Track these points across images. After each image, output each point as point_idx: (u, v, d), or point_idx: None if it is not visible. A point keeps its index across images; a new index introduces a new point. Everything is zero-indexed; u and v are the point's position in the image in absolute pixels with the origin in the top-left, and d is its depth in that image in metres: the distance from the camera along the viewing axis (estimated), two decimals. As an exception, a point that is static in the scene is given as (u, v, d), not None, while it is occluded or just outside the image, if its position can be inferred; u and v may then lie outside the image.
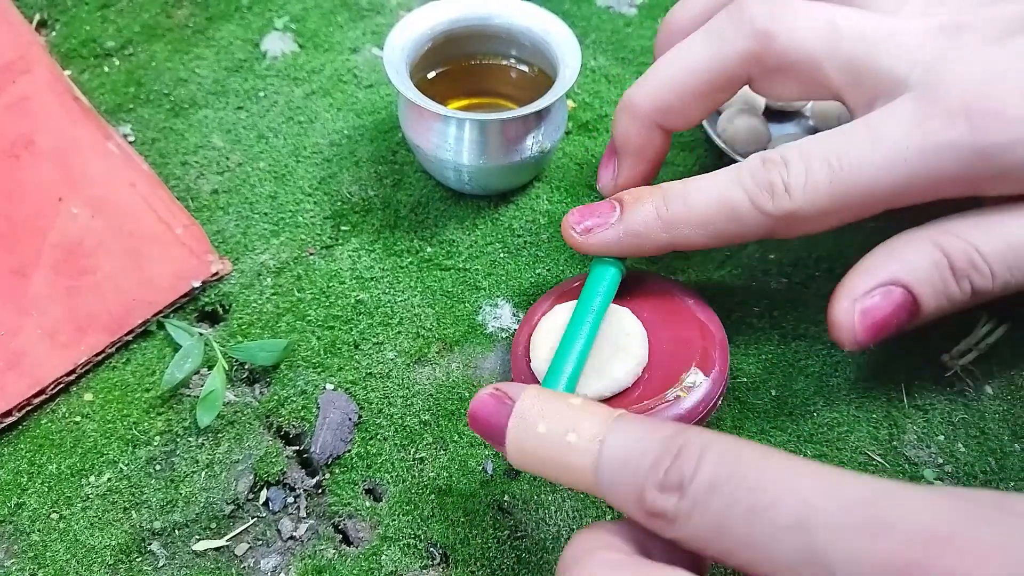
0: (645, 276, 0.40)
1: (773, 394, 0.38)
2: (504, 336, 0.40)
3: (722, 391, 0.36)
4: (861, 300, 0.32)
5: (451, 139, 0.41)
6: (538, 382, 0.36)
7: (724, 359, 0.36)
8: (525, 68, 0.47)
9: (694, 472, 0.23)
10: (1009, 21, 0.31)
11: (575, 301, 0.38)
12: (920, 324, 0.33)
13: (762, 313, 0.41)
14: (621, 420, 0.26)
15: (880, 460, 0.37)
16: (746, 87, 0.36)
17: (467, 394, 0.38)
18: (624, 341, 0.36)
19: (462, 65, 0.47)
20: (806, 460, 0.23)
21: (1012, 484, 0.36)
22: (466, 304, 0.41)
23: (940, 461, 0.37)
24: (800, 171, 0.32)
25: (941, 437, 0.38)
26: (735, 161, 0.43)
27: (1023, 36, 0.31)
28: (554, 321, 0.37)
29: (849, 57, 0.32)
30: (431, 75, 0.46)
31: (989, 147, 0.30)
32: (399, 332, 0.40)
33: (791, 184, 0.32)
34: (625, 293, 0.38)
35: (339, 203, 0.45)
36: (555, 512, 0.35)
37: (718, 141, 0.44)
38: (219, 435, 0.37)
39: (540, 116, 0.42)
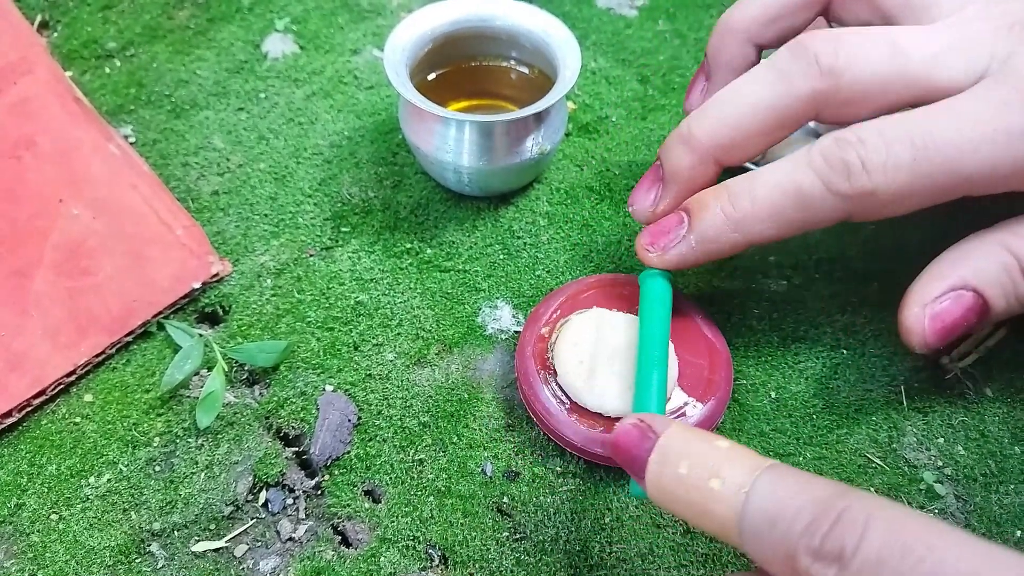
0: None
1: (773, 396, 0.38)
2: (504, 338, 0.40)
3: (725, 406, 0.37)
4: (932, 305, 0.32)
5: (451, 141, 0.41)
6: (555, 373, 0.36)
7: (729, 378, 0.37)
8: (525, 70, 0.47)
9: (858, 542, 0.21)
10: None
11: (593, 310, 0.38)
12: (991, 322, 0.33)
13: (762, 315, 0.41)
14: (772, 471, 0.24)
15: (879, 463, 0.37)
16: None
17: (466, 395, 0.38)
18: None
19: (462, 67, 0.47)
20: (973, 537, 0.21)
21: (1012, 486, 0.36)
22: (466, 306, 0.41)
23: (940, 464, 0.37)
24: (880, 148, 0.31)
25: (941, 440, 0.37)
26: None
27: None
28: (578, 333, 0.37)
29: (918, 73, 0.32)
30: (431, 76, 0.46)
31: None
32: (399, 333, 0.40)
33: (869, 161, 0.31)
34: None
35: (339, 204, 0.45)
36: (554, 514, 0.35)
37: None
38: (219, 436, 0.37)
39: (540, 118, 0.42)
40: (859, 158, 0.31)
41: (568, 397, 0.36)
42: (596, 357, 0.36)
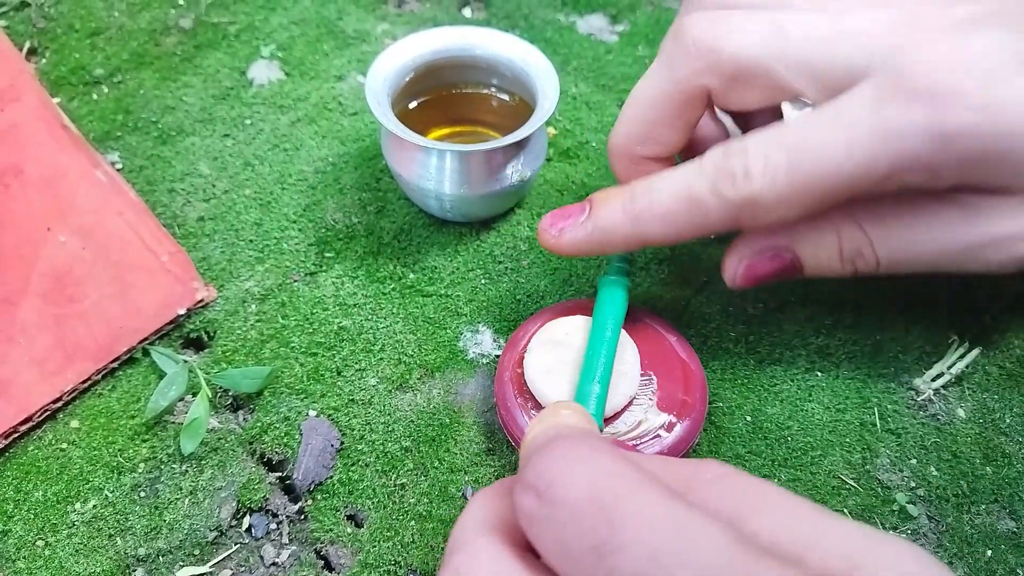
0: (630, 310, 0.40)
1: (749, 419, 0.39)
2: (485, 362, 0.41)
3: (700, 427, 0.37)
4: (750, 256, 0.36)
5: (432, 169, 0.42)
6: (532, 398, 0.37)
7: (704, 399, 0.37)
8: (506, 97, 0.47)
9: (556, 482, 0.21)
10: (965, 17, 0.31)
11: (565, 318, 0.39)
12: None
13: (738, 338, 0.42)
14: (576, 414, 0.26)
15: (853, 484, 0.37)
16: None
17: (447, 420, 0.39)
18: (620, 364, 0.37)
19: (444, 94, 0.48)
20: (673, 503, 0.21)
21: (983, 507, 0.37)
22: (447, 330, 0.42)
23: (913, 485, 0.37)
24: (759, 156, 0.32)
25: (914, 461, 0.38)
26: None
27: (985, 29, 0.30)
28: (549, 336, 0.38)
29: (801, 56, 0.32)
30: (413, 105, 0.47)
31: (950, 130, 0.29)
32: (381, 358, 0.41)
33: (750, 168, 0.32)
34: None
35: (323, 230, 0.46)
36: (533, 537, 0.35)
37: None
38: (203, 462, 0.38)
39: (520, 146, 0.43)
40: (742, 165, 0.32)
41: None
42: (563, 364, 0.37)
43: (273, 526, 0.36)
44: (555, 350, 0.37)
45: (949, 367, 0.41)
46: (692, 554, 0.19)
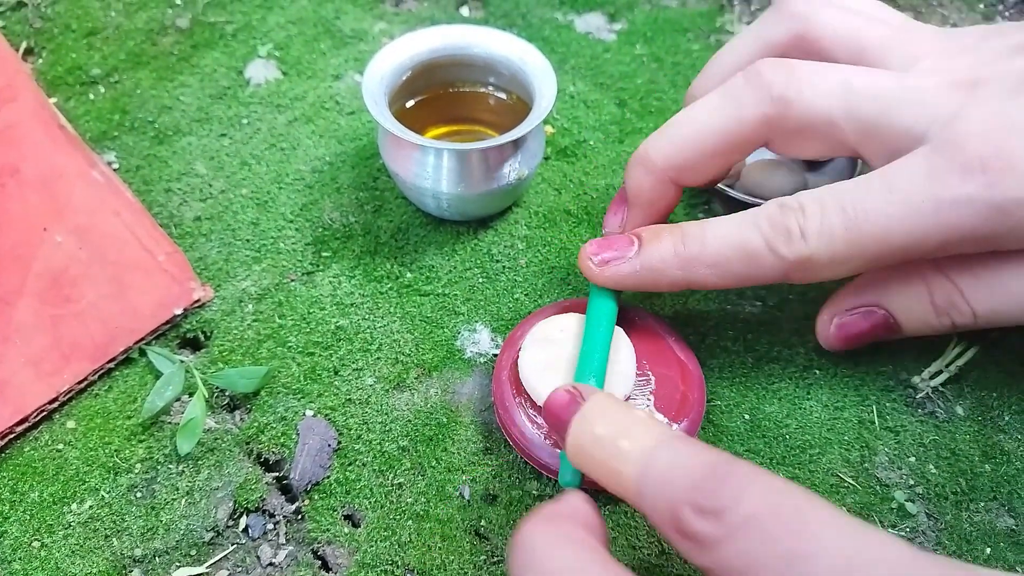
0: (627, 310, 0.40)
1: (747, 417, 0.39)
2: (482, 361, 0.41)
3: (699, 427, 0.37)
4: (841, 315, 0.37)
5: (429, 168, 0.42)
6: (527, 395, 0.37)
7: (701, 399, 0.37)
8: (503, 95, 0.47)
9: (736, 501, 0.23)
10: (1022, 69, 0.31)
11: (560, 316, 0.39)
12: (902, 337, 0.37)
13: (736, 337, 0.42)
14: (675, 437, 0.26)
15: (852, 482, 0.37)
16: None
17: (445, 420, 0.39)
18: (613, 366, 0.36)
19: (441, 93, 0.48)
20: (848, 515, 0.23)
21: (982, 504, 0.37)
22: (445, 329, 0.42)
23: (911, 483, 0.37)
24: (816, 217, 0.32)
25: (912, 459, 0.38)
26: (747, 206, 0.43)
27: None
28: (543, 334, 0.38)
29: (865, 116, 0.33)
30: (410, 104, 0.47)
31: (1006, 202, 0.30)
32: (378, 358, 0.41)
33: (807, 229, 0.32)
34: None
35: (320, 229, 0.46)
36: (531, 537, 0.35)
37: (727, 190, 0.45)
38: (199, 462, 0.38)
39: (517, 145, 0.42)
40: (798, 225, 0.32)
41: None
42: (558, 361, 0.37)
43: (270, 526, 0.36)
44: (549, 347, 0.37)
45: (947, 365, 0.41)
46: (883, 563, 0.21)
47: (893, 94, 0.33)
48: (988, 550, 0.36)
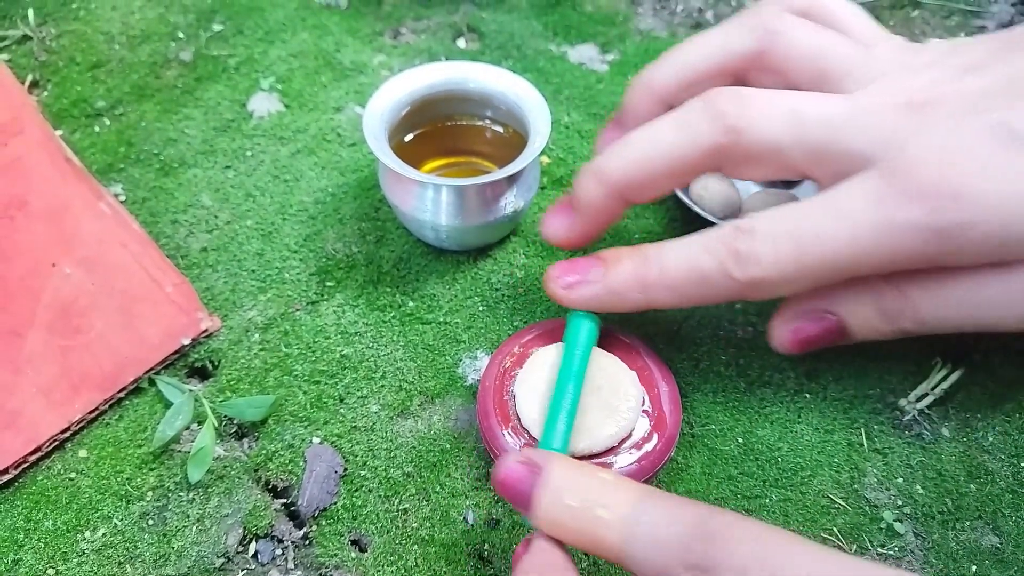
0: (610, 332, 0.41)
1: (740, 441, 0.40)
2: (483, 388, 0.42)
3: (674, 443, 0.38)
4: (795, 320, 0.37)
5: (428, 202, 0.43)
6: (522, 427, 0.37)
7: (676, 413, 0.38)
8: (500, 128, 0.49)
9: (728, 555, 0.25)
10: (976, 95, 0.32)
11: (552, 345, 0.40)
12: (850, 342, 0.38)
13: (729, 362, 0.43)
14: (651, 497, 0.28)
15: (842, 503, 0.38)
16: None
17: (448, 446, 0.40)
18: (616, 403, 0.37)
19: (439, 126, 0.49)
20: (825, 548, 0.25)
21: (968, 523, 0.38)
22: (447, 357, 0.43)
23: (899, 503, 0.39)
24: (767, 241, 0.33)
25: (900, 479, 0.39)
26: (702, 218, 0.45)
27: (987, 113, 0.31)
28: (540, 362, 0.39)
29: (814, 142, 0.34)
30: (408, 137, 0.48)
31: (947, 227, 0.31)
32: (383, 386, 0.42)
33: (759, 252, 0.33)
34: None
35: (324, 259, 0.47)
36: (533, 559, 0.36)
37: (685, 199, 0.46)
38: (209, 490, 0.39)
39: (513, 178, 0.44)
40: (748, 248, 0.33)
41: (529, 436, 0.37)
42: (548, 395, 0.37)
43: (279, 552, 0.37)
44: (542, 383, 0.38)
45: (933, 388, 0.42)
46: None
47: (842, 119, 0.34)
48: (974, 568, 0.37)
